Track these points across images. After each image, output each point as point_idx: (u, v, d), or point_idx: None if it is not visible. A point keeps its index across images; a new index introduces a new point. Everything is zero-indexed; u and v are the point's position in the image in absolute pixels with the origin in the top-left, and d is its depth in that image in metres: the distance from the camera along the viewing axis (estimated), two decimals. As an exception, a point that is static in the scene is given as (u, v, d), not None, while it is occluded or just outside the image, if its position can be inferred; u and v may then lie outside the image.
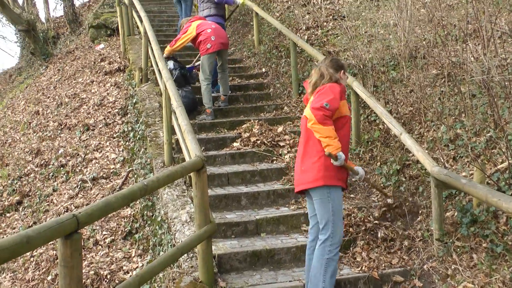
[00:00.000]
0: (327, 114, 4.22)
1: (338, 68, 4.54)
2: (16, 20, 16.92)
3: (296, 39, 8.83)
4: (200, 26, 8.43)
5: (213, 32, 8.36)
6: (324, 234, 4.31)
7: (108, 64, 12.17)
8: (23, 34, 18.07)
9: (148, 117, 8.25)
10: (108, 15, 14.91)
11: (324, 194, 4.30)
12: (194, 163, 4.57)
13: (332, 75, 4.47)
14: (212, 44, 8.30)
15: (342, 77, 4.56)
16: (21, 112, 13.51)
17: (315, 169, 4.31)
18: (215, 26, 8.52)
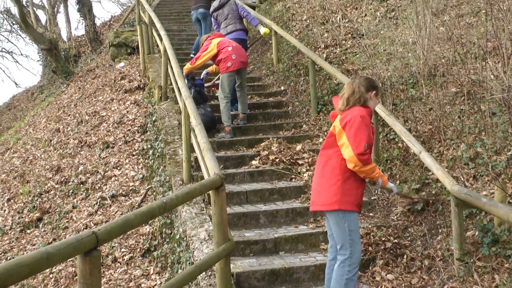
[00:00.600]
0: (369, 154, 4.24)
1: (369, 88, 4.43)
2: (39, 39, 17.22)
3: (314, 57, 8.86)
4: (220, 44, 8.48)
5: (234, 51, 8.42)
6: (343, 255, 4.29)
7: (128, 82, 12.32)
8: (45, 53, 18.38)
9: (167, 135, 8.31)
10: (129, 33, 15.11)
11: (339, 216, 4.28)
12: (213, 181, 4.59)
13: (362, 95, 4.37)
14: (233, 63, 8.35)
15: (372, 98, 4.45)
16: (42, 129, 13.69)
17: (331, 192, 4.28)
18: (235, 45, 8.58)
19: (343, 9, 11.02)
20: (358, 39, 9.78)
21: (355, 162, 4.21)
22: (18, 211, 9.89)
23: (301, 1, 12.72)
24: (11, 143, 14.79)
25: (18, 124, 17.49)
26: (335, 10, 11.31)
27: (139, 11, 14.14)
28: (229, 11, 9.70)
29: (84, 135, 10.96)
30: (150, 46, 12.64)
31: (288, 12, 12.59)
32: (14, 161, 12.66)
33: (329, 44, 10.32)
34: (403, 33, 8.93)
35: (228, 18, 9.65)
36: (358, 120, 4.23)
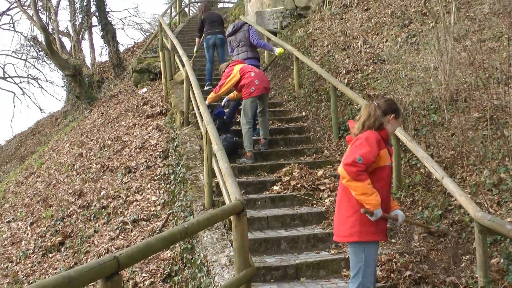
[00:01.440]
0: (361, 169, 4.04)
1: (388, 111, 4.35)
2: (64, 65, 17.55)
3: (336, 82, 8.89)
4: (243, 70, 8.57)
5: (256, 76, 8.50)
6: (353, 284, 4.20)
7: (151, 107, 12.46)
8: (70, 79, 18.68)
9: (189, 160, 8.37)
10: (151, 60, 15.33)
11: (358, 247, 4.19)
12: (234, 206, 4.61)
13: (377, 118, 4.26)
14: (256, 88, 8.42)
15: (391, 122, 4.36)
16: (65, 154, 13.86)
17: (349, 223, 4.19)
18: (258, 70, 8.69)
19: (364, 35, 11.07)
20: (379, 65, 9.81)
21: (342, 173, 4.13)
22: (40, 235, 9.98)
23: (322, 27, 12.81)
24: (35, 168, 14.98)
25: (42, 149, 17.74)
26: (356, 36, 11.37)
27: (161, 37, 14.37)
28: (241, 37, 9.79)
29: (107, 160, 11.08)
30: (172, 71, 12.80)
31: (309, 38, 12.67)
32: (38, 185, 12.82)
33: (350, 69, 10.35)
34: (425, 58, 8.93)
35: (240, 46, 9.73)
36: (361, 140, 4.18)
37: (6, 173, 19.82)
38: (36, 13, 18.00)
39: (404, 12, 10.82)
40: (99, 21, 20.04)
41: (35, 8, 17.86)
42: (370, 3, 12.55)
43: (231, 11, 22.50)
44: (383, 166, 4.21)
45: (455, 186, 5.35)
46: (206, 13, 11.88)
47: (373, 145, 4.12)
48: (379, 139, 4.21)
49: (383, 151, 4.21)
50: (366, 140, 4.15)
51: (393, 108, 4.40)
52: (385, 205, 4.29)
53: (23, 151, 22.45)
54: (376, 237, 4.19)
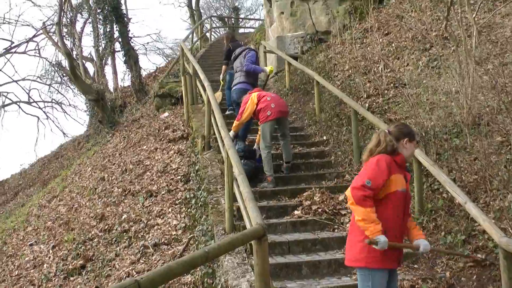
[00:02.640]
0: (367, 194, 4.02)
1: (401, 135, 4.31)
2: (87, 90, 17.80)
3: (357, 107, 8.89)
4: (259, 95, 8.72)
5: (272, 100, 8.62)
6: None
7: (172, 132, 12.55)
8: (93, 104, 18.93)
9: (210, 184, 8.40)
10: (173, 84, 15.47)
11: (364, 273, 4.15)
12: (255, 230, 4.61)
13: (389, 144, 4.23)
14: (272, 112, 8.50)
15: (406, 146, 4.31)
16: (87, 178, 13.98)
17: (358, 248, 4.16)
18: (274, 95, 8.84)
19: (385, 59, 11.09)
20: (400, 89, 9.80)
21: (348, 196, 4.12)
22: (62, 258, 10.04)
23: (343, 52, 12.87)
24: (57, 191, 15.13)
25: (65, 172, 17.92)
26: (377, 60, 11.39)
27: (183, 62, 14.53)
28: (238, 64, 10.32)
29: (128, 184, 11.15)
30: (194, 96, 12.92)
31: (330, 63, 12.73)
32: (60, 209, 12.94)
33: (371, 93, 10.36)
34: (446, 82, 8.91)
35: (237, 71, 10.16)
36: (371, 163, 4.17)
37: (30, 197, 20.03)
38: (61, 39, 18.32)
39: (425, 36, 10.83)
40: (122, 46, 20.37)
41: (60, 34, 18.19)
42: (391, 28, 12.59)
43: (252, 36, 22.73)
44: (395, 191, 4.15)
45: (479, 211, 5.30)
46: (233, 43, 11.94)
47: (383, 168, 4.10)
48: (391, 163, 4.17)
49: (395, 175, 4.16)
50: (376, 162, 4.14)
51: (405, 132, 4.36)
52: (397, 233, 4.20)
53: (46, 174, 22.70)
54: (384, 264, 4.12)
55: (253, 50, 10.59)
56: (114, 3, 19.70)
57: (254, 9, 45.50)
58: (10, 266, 11.24)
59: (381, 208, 4.11)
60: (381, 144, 4.25)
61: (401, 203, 4.20)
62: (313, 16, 15.01)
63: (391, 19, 13.05)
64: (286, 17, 15.36)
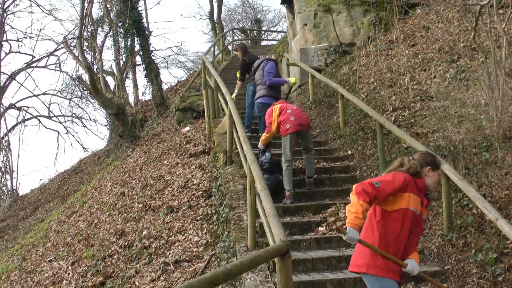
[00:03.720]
0: (368, 190, 4.11)
1: (424, 163, 4.40)
2: (107, 104, 17.98)
3: (382, 120, 8.86)
4: (281, 107, 8.77)
5: (292, 113, 8.67)
6: None
7: (193, 146, 12.62)
8: (113, 118, 19.12)
9: (232, 200, 8.41)
10: (194, 98, 15.58)
11: (371, 281, 4.20)
12: (278, 247, 4.60)
13: (412, 166, 4.35)
14: (291, 125, 8.53)
15: (428, 175, 4.38)
16: (107, 193, 14.09)
17: (362, 254, 4.27)
18: (295, 108, 8.87)
19: (411, 71, 11.03)
20: (427, 102, 9.74)
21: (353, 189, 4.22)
22: (81, 275, 10.10)
23: (368, 64, 12.84)
24: (77, 206, 15.26)
25: (85, 188, 18.08)
26: (402, 72, 11.34)
27: (205, 75, 14.63)
28: (257, 77, 10.29)
29: (149, 199, 11.21)
30: (216, 110, 12.99)
31: (354, 75, 12.71)
32: (80, 225, 13.04)
33: (397, 106, 10.31)
34: (475, 94, 8.84)
35: (258, 84, 10.12)
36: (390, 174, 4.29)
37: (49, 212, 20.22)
38: (82, 53, 18.59)
39: (452, 47, 10.76)
40: (143, 60, 20.59)
41: (81, 48, 18.46)
42: (417, 39, 12.54)
43: (275, 48, 22.82)
44: (406, 208, 4.22)
45: (511, 228, 5.22)
46: (248, 55, 11.90)
47: (399, 180, 4.20)
48: (410, 181, 4.25)
49: (408, 194, 4.23)
50: (393, 174, 4.27)
51: (428, 160, 4.43)
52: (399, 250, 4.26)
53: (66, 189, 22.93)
54: (386, 274, 4.17)
55: (271, 60, 10.51)
56: (135, 17, 19.96)
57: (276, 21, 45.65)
58: (29, 283, 11.35)
59: (388, 220, 4.23)
60: (404, 166, 4.37)
61: (410, 222, 4.25)
62: (337, 27, 15.03)
63: (417, 30, 13.01)
64: (309, 29, 15.40)
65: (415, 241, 4.40)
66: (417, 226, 4.32)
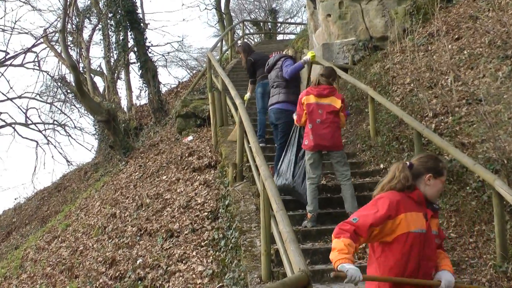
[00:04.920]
0: (346, 228, 4.04)
1: (423, 170, 4.30)
2: (96, 109, 18.05)
3: (421, 128, 8.83)
4: (309, 107, 8.61)
5: (314, 129, 8.50)
6: None
7: (197, 159, 12.65)
8: (102, 125, 19.22)
9: (243, 222, 8.41)
10: (199, 102, 15.63)
11: None
12: (297, 279, 4.58)
13: (401, 180, 4.23)
14: (309, 142, 8.50)
15: (429, 183, 4.27)
16: (95, 214, 14.14)
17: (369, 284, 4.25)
18: (321, 120, 8.52)
19: (455, 70, 11.01)
20: (474, 106, 9.71)
21: None
22: (65, 312, 10.15)
23: (403, 61, 12.83)
24: (59, 230, 15.31)
25: (68, 208, 18.16)
26: (445, 71, 11.32)
27: (210, 76, 14.70)
28: (274, 77, 10.02)
29: (144, 222, 11.24)
30: (224, 116, 13.01)
31: (387, 75, 12.70)
32: (62, 252, 13.08)
33: (438, 112, 10.28)
34: (533, 97, 8.80)
35: (274, 86, 9.91)
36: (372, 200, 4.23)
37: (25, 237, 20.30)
38: (65, 50, 18.73)
39: (505, 41, 10.72)
40: (137, 57, 20.73)
41: (64, 43, 18.59)
42: (462, 31, 12.51)
43: (293, 43, 22.87)
44: (406, 233, 4.11)
45: None
46: (253, 55, 11.93)
47: (382, 206, 4.10)
48: (400, 200, 4.15)
49: (407, 214, 4.13)
50: (375, 201, 4.19)
51: (429, 166, 4.32)
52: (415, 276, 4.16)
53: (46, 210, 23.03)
54: None
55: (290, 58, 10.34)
56: (128, 6, 20.11)
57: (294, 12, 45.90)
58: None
59: (389, 254, 4.11)
60: (394, 180, 4.26)
61: (418, 246, 4.14)
62: (366, 18, 15.05)
63: (462, 20, 12.98)
64: (333, 20, 15.43)
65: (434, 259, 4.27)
66: (428, 246, 4.20)
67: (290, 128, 9.33)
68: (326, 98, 8.59)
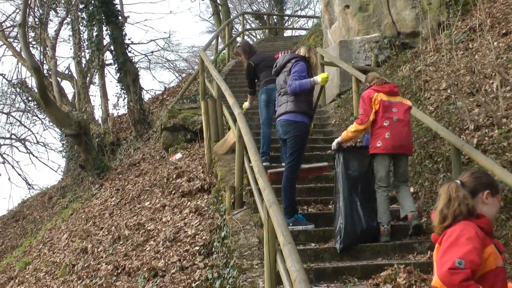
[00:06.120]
0: (467, 277, 3.96)
1: (479, 187, 4.32)
2: (63, 121, 18.00)
3: (460, 143, 8.85)
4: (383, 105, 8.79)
5: (391, 127, 8.71)
6: None
7: (187, 181, 12.67)
8: (72, 140, 19.22)
9: (242, 259, 8.41)
10: (189, 112, 15.65)
11: None
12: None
13: (463, 202, 4.23)
14: (384, 143, 8.59)
15: (487, 202, 4.31)
16: (62, 249, 14.12)
17: None
18: (398, 119, 8.78)
19: (502, 72, 11.04)
20: (526, 116, 9.75)
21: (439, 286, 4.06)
22: None
23: (438, 62, 12.86)
24: (16, 270, 15.29)
25: (28, 242, 18.13)
26: (489, 74, 11.35)
27: (203, 80, 14.75)
28: (281, 82, 9.70)
29: (122, 258, 11.24)
30: (219, 129, 13.03)
31: (418, 79, 12.73)
32: (20, 298, 13.07)
33: (481, 124, 10.30)
34: None
35: (281, 94, 9.56)
36: (455, 234, 4.13)
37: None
38: (26, 48, 18.65)
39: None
40: (114, 57, 20.71)
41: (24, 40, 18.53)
42: (511, 25, 12.56)
43: (303, 41, 22.93)
44: (491, 270, 4.13)
45: None
46: (254, 57, 11.89)
47: (474, 239, 4.08)
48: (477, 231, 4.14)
49: (489, 247, 4.14)
50: (461, 234, 4.12)
51: (485, 182, 4.36)
52: None
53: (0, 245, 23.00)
54: None
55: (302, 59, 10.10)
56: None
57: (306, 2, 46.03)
58: None
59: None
60: (452, 203, 4.26)
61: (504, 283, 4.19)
62: (392, 10, 15.11)
63: (511, 11, 13.03)
64: (353, 12, 15.50)
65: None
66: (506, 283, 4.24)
67: (301, 143, 9.30)
68: (396, 96, 8.99)
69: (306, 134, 9.37)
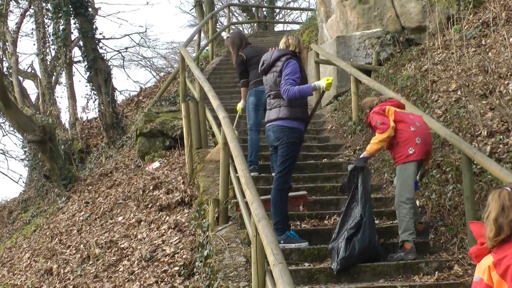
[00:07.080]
0: None
1: None
2: (26, 125, 17.94)
3: (471, 151, 8.87)
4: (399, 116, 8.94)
5: (418, 132, 8.83)
6: None
7: (166, 193, 12.66)
8: (35, 148, 19.17)
9: (228, 280, 8.43)
10: (168, 116, 15.64)
11: None
12: None
13: None
14: (416, 150, 8.69)
15: None
16: (23, 270, 14.07)
17: None
18: (420, 124, 8.99)
19: (517, 72, 11.11)
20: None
21: None
22: None
23: (447, 61, 12.87)
24: (-29, 295, 15.28)
25: (-15, 263, 18.10)
26: (504, 74, 11.39)
27: (184, 80, 14.77)
28: (270, 82, 9.52)
29: (92, 280, 11.23)
30: (202, 135, 13.03)
31: (425, 79, 12.76)
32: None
33: (495, 129, 10.34)
34: None
35: (271, 96, 9.47)
36: None
37: None
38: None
39: None
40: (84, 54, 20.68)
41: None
42: (528, 20, 12.63)
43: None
44: None
45: None
46: (246, 49, 11.88)
47: None
48: None
49: None
50: None
51: None
52: None
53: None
54: None
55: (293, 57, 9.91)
56: (71, -15, 20.11)
57: (299, -7, 46.05)
58: None
59: None
60: (506, 212, 4.25)
61: None
62: (396, 2, 15.18)
63: (528, 4, 13.11)
64: (352, 4, 15.55)
65: None
66: None
67: (294, 151, 9.24)
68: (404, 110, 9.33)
69: (300, 142, 9.36)
